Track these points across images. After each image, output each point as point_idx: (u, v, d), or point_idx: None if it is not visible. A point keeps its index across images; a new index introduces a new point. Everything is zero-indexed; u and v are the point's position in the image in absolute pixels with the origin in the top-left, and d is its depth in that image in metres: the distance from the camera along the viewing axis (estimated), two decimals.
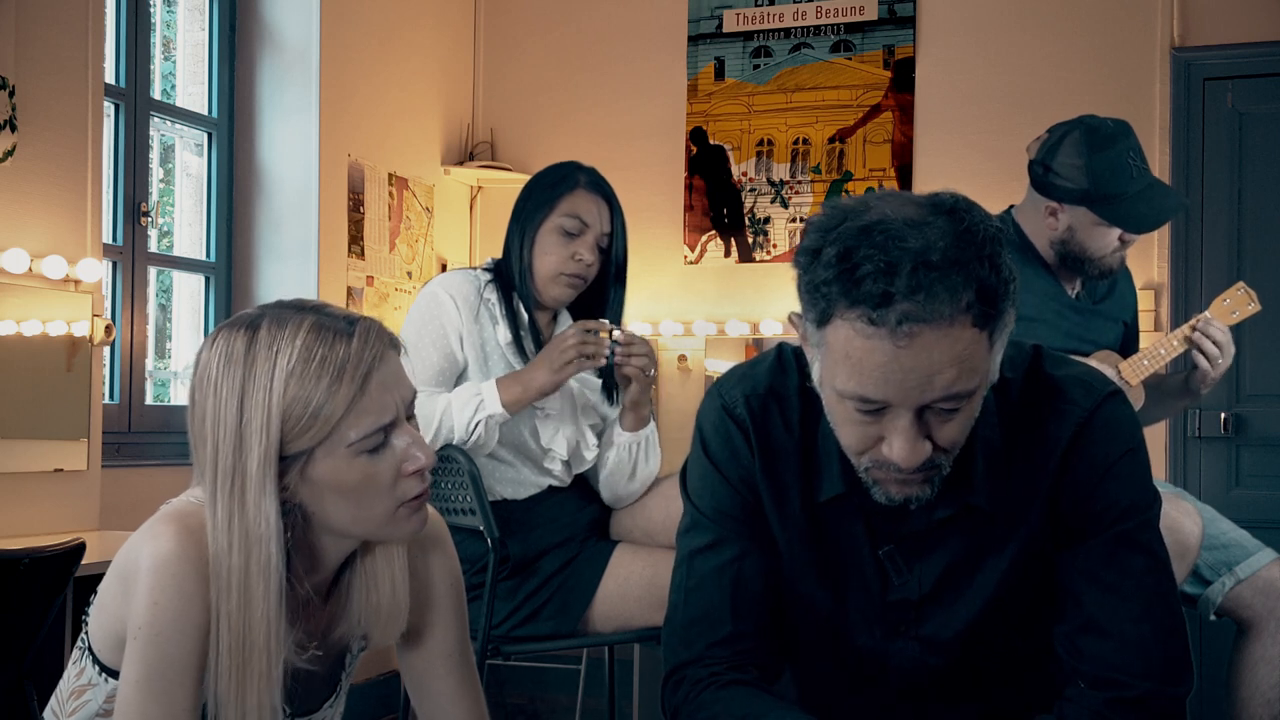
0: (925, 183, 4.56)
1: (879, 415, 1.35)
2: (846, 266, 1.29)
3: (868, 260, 1.28)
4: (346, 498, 1.37)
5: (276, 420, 1.33)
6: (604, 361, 2.45)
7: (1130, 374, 2.68)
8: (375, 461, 1.37)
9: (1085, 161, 2.55)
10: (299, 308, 1.40)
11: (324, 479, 1.36)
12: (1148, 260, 4.32)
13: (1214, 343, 2.62)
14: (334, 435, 1.35)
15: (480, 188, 5.15)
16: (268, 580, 1.34)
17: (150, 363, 3.98)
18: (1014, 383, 1.50)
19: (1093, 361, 2.54)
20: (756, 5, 4.85)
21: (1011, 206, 2.74)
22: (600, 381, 2.62)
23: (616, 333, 2.48)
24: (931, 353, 1.29)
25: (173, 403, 4.09)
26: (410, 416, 1.42)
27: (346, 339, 1.36)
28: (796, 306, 1.40)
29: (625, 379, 2.53)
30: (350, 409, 1.34)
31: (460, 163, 5.00)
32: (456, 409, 2.42)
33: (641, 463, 2.59)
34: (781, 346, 1.60)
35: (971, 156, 4.49)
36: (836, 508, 1.53)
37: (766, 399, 1.56)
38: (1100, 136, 2.56)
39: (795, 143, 4.81)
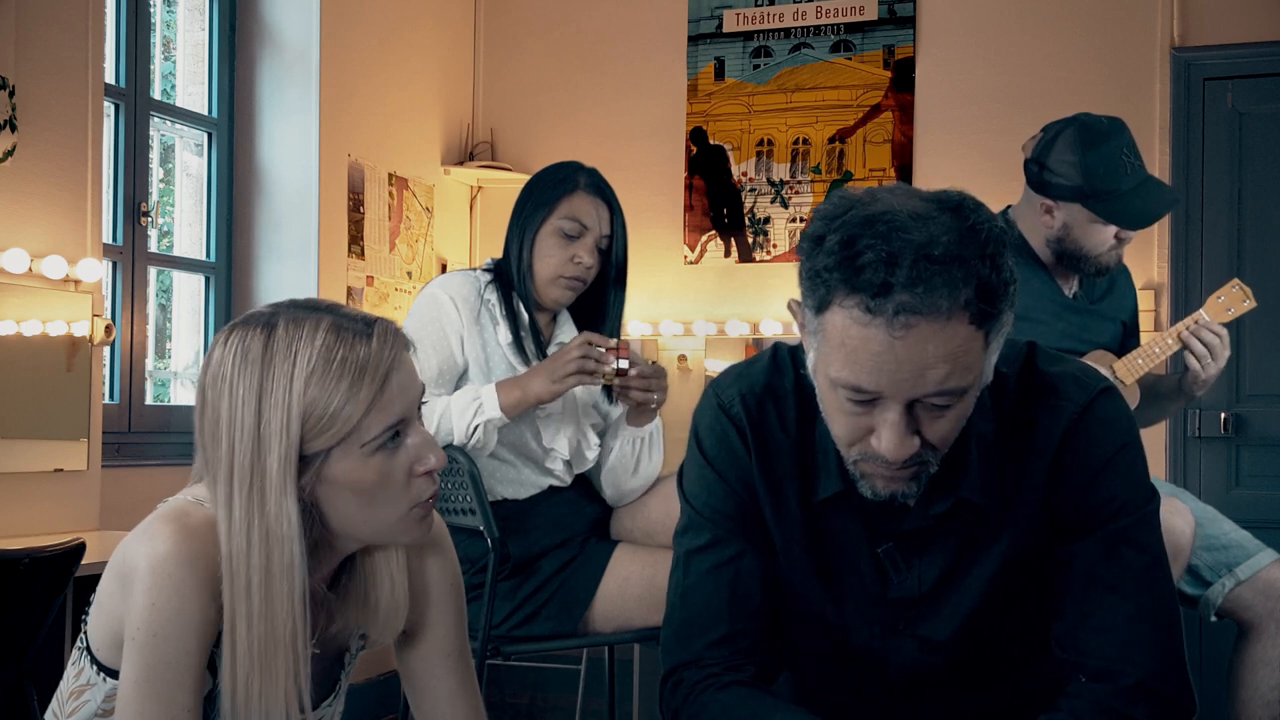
0: (925, 183, 4.54)
1: (870, 406, 1.35)
2: (848, 254, 1.30)
3: (870, 249, 1.29)
4: (361, 497, 1.38)
5: (297, 420, 1.33)
6: (603, 380, 2.44)
7: (1125, 373, 2.68)
8: (389, 460, 1.38)
9: (1079, 158, 2.55)
10: (314, 307, 1.40)
11: (340, 479, 1.37)
12: (1147, 260, 4.32)
13: (1205, 344, 2.62)
14: (352, 435, 1.35)
15: (480, 188, 5.15)
16: (291, 580, 1.34)
17: (150, 363, 3.98)
18: (1009, 379, 1.51)
19: (1087, 361, 2.54)
20: (756, 5, 4.85)
21: (1009, 206, 2.74)
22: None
23: (624, 364, 2.45)
24: (926, 346, 1.29)
25: (173, 403, 4.10)
26: (420, 413, 1.43)
27: (366, 340, 1.37)
28: (798, 297, 1.40)
29: (640, 402, 2.51)
30: (370, 409, 1.35)
31: (460, 163, 5.00)
32: (456, 413, 2.42)
33: (645, 459, 2.59)
34: (778, 346, 1.60)
35: (971, 156, 4.48)
36: (834, 506, 1.53)
37: (763, 398, 1.56)
38: (1094, 133, 2.56)
39: (795, 143, 4.81)
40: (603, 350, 2.43)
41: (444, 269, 4.91)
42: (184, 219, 4.26)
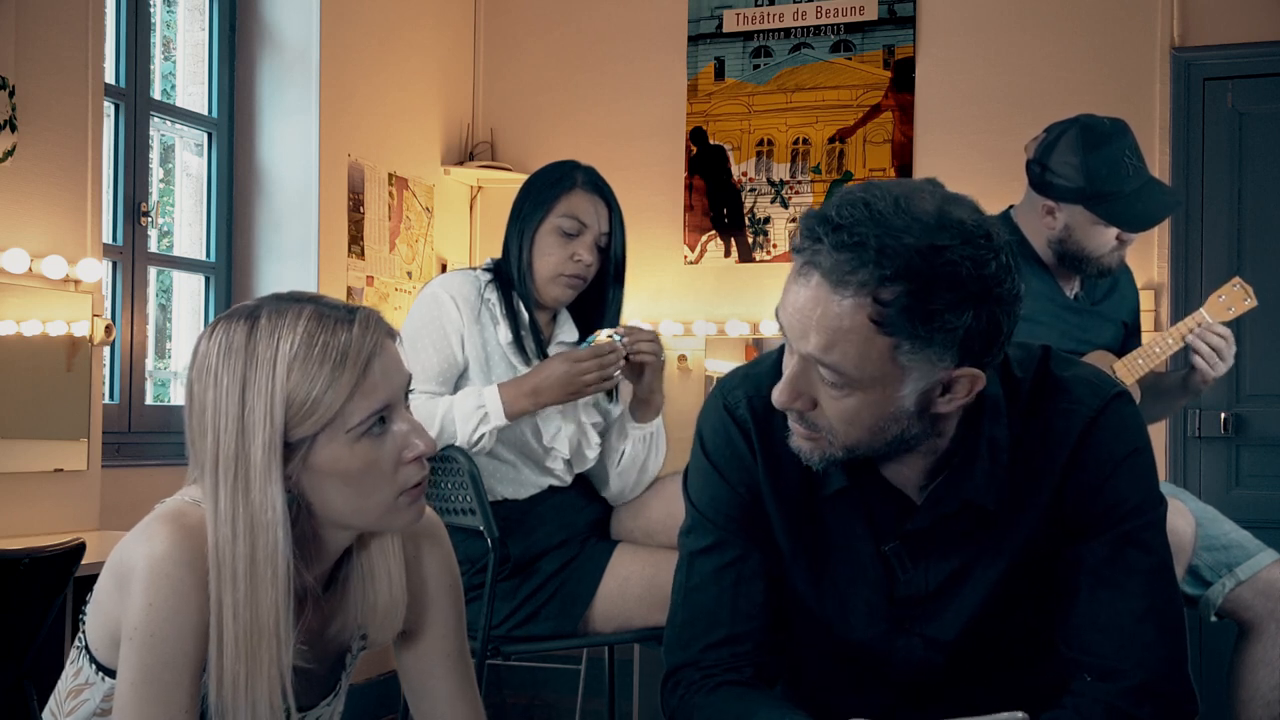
0: None
1: (791, 354, 1.42)
2: (821, 211, 1.37)
3: (835, 211, 1.35)
4: (348, 484, 1.38)
5: (280, 407, 1.34)
6: (616, 382, 2.46)
7: (1125, 373, 2.68)
8: (376, 447, 1.38)
9: (1081, 160, 2.55)
10: (296, 298, 1.40)
11: (326, 466, 1.37)
12: (1148, 260, 4.32)
13: (1212, 346, 2.62)
14: (336, 422, 1.35)
15: (480, 188, 5.15)
16: (275, 567, 1.34)
17: (150, 363, 3.98)
18: (1023, 383, 1.51)
19: (1088, 361, 2.54)
20: (756, 5, 4.85)
21: (1011, 207, 2.74)
22: None
23: (619, 337, 2.47)
24: (816, 306, 1.35)
25: (173, 403, 4.09)
26: (407, 401, 1.43)
27: (347, 326, 1.37)
28: None
29: (638, 369, 2.52)
30: (352, 395, 1.35)
31: (460, 163, 5.00)
32: (460, 418, 2.42)
33: (653, 455, 2.62)
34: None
35: (971, 156, 4.48)
36: (839, 504, 1.54)
37: (768, 399, 1.56)
38: (1096, 135, 2.56)
39: (795, 143, 4.81)
40: (608, 354, 2.44)
41: (444, 269, 4.91)
42: (184, 219, 4.26)
